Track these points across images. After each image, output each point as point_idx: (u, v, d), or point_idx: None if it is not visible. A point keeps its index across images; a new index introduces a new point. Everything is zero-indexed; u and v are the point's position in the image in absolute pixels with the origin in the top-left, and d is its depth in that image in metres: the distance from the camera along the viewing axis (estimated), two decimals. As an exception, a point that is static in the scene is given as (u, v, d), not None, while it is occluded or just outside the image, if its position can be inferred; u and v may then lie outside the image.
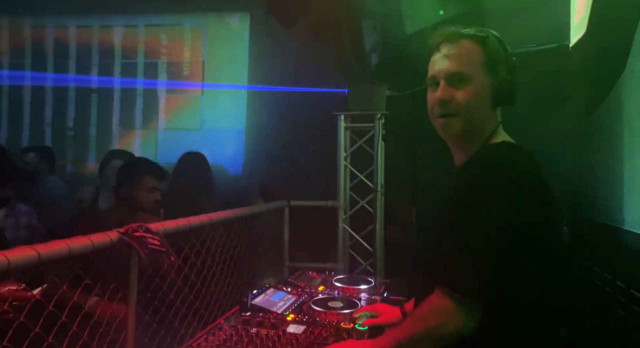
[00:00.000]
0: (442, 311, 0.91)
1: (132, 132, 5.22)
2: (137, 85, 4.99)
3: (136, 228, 1.41)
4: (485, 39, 1.06)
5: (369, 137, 3.26)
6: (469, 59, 1.05)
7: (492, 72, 1.05)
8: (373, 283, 1.91)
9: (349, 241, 3.37)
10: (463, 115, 1.06)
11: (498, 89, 1.04)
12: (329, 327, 1.37)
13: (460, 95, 1.04)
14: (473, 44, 1.07)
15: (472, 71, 1.05)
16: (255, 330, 1.31)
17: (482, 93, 1.05)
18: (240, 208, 2.50)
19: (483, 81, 1.05)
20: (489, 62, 1.05)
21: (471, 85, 1.05)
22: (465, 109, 1.05)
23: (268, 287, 1.76)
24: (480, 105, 1.05)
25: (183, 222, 1.79)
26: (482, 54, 1.05)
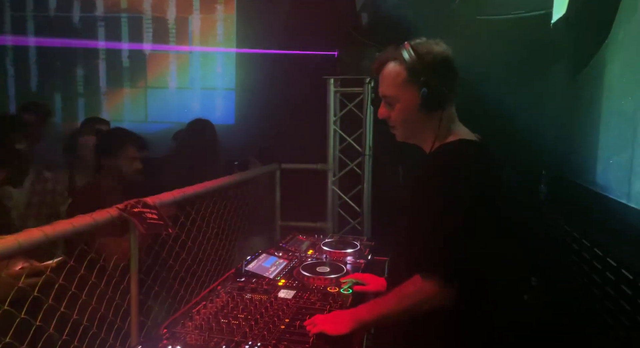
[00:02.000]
0: (421, 292, 1.06)
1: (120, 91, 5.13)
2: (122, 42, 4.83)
3: (134, 204, 1.50)
4: (404, 57, 1.14)
5: (358, 100, 3.28)
6: (393, 81, 1.18)
7: (416, 84, 1.13)
8: (359, 247, 2.05)
9: (337, 201, 3.51)
10: (399, 128, 1.22)
11: (425, 98, 1.13)
12: (317, 291, 1.51)
13: (394, 114, 1.20)
14: (395, 64, 1.17)
15: (396, 92, 1.17)
16: (249, 296, 1.45)
17: (410, 107, 1.17)
18: (234, 175, 2.59)
19: (408, 96, 1.16)
20: (410, 77, 1.14)
21: (399, 103, 1.18)
22: (399, 124, 1.21)
23: (261, 253, 1.89)
24: (411, 116, 1.18)
25: (179, 193, 1.88)
26: (403, 71, 1.15)
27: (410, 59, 1.14)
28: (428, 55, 1.14)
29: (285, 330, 1.23)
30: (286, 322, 1.27)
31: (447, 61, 1.16)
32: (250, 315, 1.31)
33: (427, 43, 1.17)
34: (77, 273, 1.35)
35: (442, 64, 1.15)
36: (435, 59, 1.14)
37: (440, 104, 1.15)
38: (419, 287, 1.07)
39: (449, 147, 1.15)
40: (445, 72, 1.15)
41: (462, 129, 1.21)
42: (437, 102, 1.14)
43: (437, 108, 1.15)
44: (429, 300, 1.06)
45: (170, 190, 1.82)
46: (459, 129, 1.21)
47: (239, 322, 1.26)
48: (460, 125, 1.22)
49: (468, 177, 1.07)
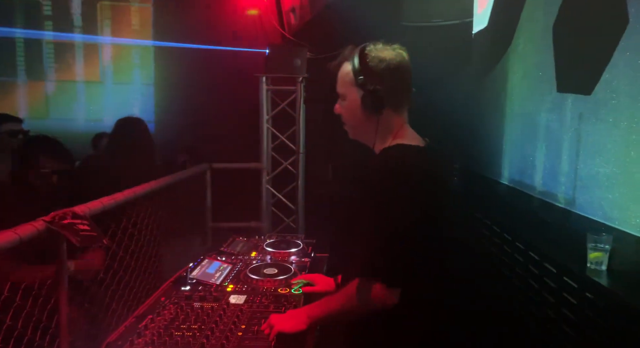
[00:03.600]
0: (367, 293, 1.10)
1: (14, 83, 4.52)
2: (15, 29, 4.25)
3: (63, 215, 1.35)
4: (353, 60, 1.21)
5: (291, 99, 3.30)
6: (343, 79, 1.23)
7: (361, 86, 1.19)
8: (301, 246, 2.08)
9: (271, 200, 3.50)
10: (348, 124, 1.28)
11: (365, 101, 1.20)
12: (268, 294, 1.51)
13: (343, 111, 1.26)
14: (347, 64, 1.23)
15: (344, 90, 1.23)
16: (199, 305, 1.40)
17: (353, 106, 1.22)
18: (164, 178, 2.44)
19: (353, 96, 1.21)
20: (356, 79, 1.20)
21: (347, 101, 1.24)
22: (347, 121, 1.27)
23: (203, 258, 1.82)
24: (355, 115, 1.23)
25: (108, 200, 1.73)
26: (351, 72, 1.22)
27: (356, 61, 1.19)
28: (374, 60, 1.18)
29: (244, 336, 1.21)
30: (243, 329, 1.26)
31: (393, 67, 1.19)
32: (205, 325, 1.26)
33: (381, 48, 1.21)
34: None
35: (387, 69, 1.18)
36: (380, 64, 1.18)
37: (378, 107, 1.19)
38: (361, 290, 1.11)
39: (388, 152, 1.19)
40: (390, 77, 1.19)
41: (407, 133, 1.24)
42: (375, 105, 1.18)
43: (374, 111, 1.19)
44: (370, 303, 1.10)
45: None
46: (403, 133, 1.23)
47: (194, 333, 1.21)
48: (408, 129, 1.25)
49: (404, 182, 1.10)
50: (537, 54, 2.49)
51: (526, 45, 2.69)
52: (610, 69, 1.71)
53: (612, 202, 1.69)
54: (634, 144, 1.57)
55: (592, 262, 1.48)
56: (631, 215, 1.56)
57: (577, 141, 2.00)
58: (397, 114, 1.24)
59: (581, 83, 1.94)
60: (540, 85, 2.45)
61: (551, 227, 2.02)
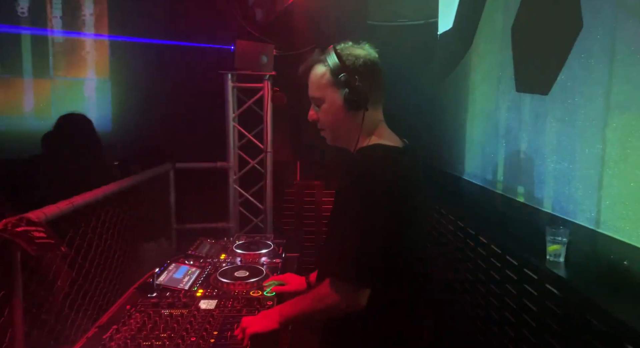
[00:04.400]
0: (334, 295, 1.09)
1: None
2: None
3: (16, 222, 1.26)
4: (327, 60, 1.19)
5: (258, 97, 3.24)
6: (318, 83, 1.21)
7: (340, 85, 1.17)
8: (272, 246, 2.05)
9: (238, 199, 3.44)
10: (328, 129, 1.25)
11: (348, 98, 1.18)
12: (240, 297, 1.48)
13: (321, 115, 1.23)
14: (320, 66, 1.22)
15: (321, 93, 1.21)
16: (167, 312, 1.35)
17: (334, 107, 1.20)
18: (124, 180, 2.33)
19: (333, 97, 1.19)
20: (334, 78, 1.19)
21: (325, 104, 1.21)
22: (327, 125, 1.24)
23: (169, 263, 1.76)
24: (336, 117, 1.21)
25: (66, 204, 1.62)
26: (327, 73, 1.20)
27: (333, 60, 1.17)
28: (350, 57, 1.18)
29: (217, 343, 1.18)
30: (215, 335, 1.22)
31: (369, 64, 1.20)
32: (174, 333, 1.22)
33: (351, 46, 1.21)
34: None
35: (364, 65, 1.18)
36: (357, 61, 1.18)
37: (362, 104, 1.18)
38: (329, 290, 1.11)
39: (364, 152, 1.19)
40: (368, 74, 1.19)
41: (386, 133, 1.25)
42: (359, 102, 1.17)
43: (359, 108, 1.17)
44: (337, 303, 1.10)
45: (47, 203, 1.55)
46: (382, 132, 1.23)
47: (164, 343, 1.16)
48: (386, 128, 1.26)
49: (378, 184, 1.09)
50: (496, 54, 2.58)
51: (486, 46, 2.79)
52: (565, 70, 1.80)
53: (568, 196, 1.78)
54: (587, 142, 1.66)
55: (551, 254, 1.56)
56: (585, 209, 1.65)
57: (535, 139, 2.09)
58: (375, 113, 1.23)
59: (538, 83, 2.03)
60: (499, 85, 2.55)
61: (512, 221, 2.10)
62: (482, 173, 2.82)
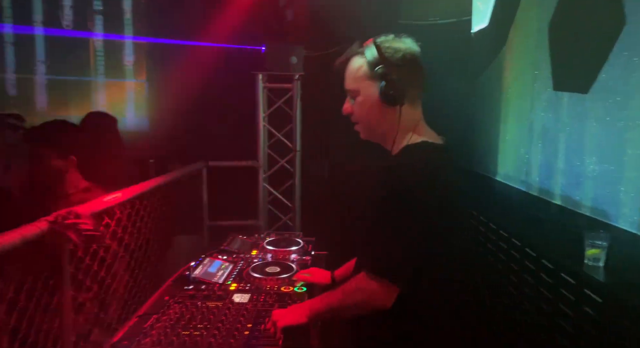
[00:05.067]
0: (368, 290, 1.09)
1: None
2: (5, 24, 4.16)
3: (66, 215, 1.34)
4: (365, 52, 1.17)
5: (287, 97, 3.29)
6: (354, 75, 1.19)
7: (377, 78, 1.14)
8: (302, 244, 2.09)
9: (267, 198, 3.50)
10: (362, 123, 1.22)
11: (385, 92, 1.13)
12: (272, 292, 1.52)
13: (356, 108, 1.21)
14: (358, 59, 1.20)
15: (357, 85, 1.19)
16: (204, 304, 1.40)
17: (370, 101, 1.17)
18: (161, 176, 2.43)
19: (369, 90, 1.17)
20: (371, 71, 1.16)
21: (360, 96, 1.19)
22: (361, 119, 1.21)
23: (204, 257, 1.82)
24: (371, 111, 1.18)
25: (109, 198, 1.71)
26: (365, 65, 1.16)
27: (371, 52, 1.15)
28: (389, 50, 1.16)
29: (251, 335, 1.22)
30: (249, 327, 1.26)
31: (409, 58, 1.16)
32: (211, 324, 1.27)
33: (392, 40, 1.19)
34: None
35: (403, 59, 1.16)
36: (397, 54, 1.16)
37: (399, 98, 1.14)
38: (363, 286, 1.10)
39: (413, 151, 1.14)
40: (407, 68, 1.15)
41: (427, 129, 1.21)
42: (396, 97, 1.13)
43: (396, 103, 1.14)
44: (367, 300, 1.10)
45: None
46: (421, 129, 1.20)
47: (201, 333, 1.21)
48: (425, 126, 1.23)
49: (430, 183, 1.08)
50: (532, 52, 2.52)
51: (521, 43, 2.72)
52: (607, 68, 1.74)
53: (608, 199, 1.72)
54: (629, 142, 1.60)
55: (590, 259, 1.51)
56: (628, 212, 1.59)
57: (573, 139, 2.03)
58: (414, 109, 1.20)
59: (577, 82, 1.97)
60: (535, 84, 2.48)
61: (547, 224, 2.05)
62: (516, 174, 2.75)
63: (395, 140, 1.18)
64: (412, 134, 1.18)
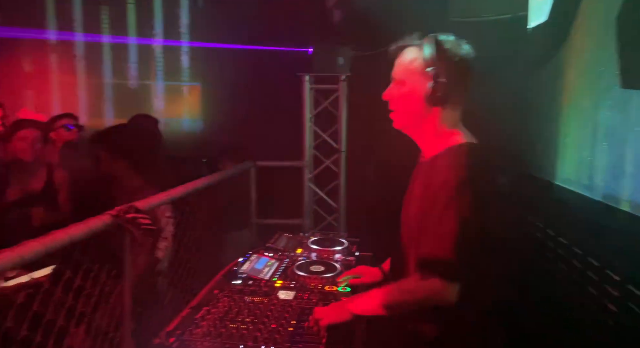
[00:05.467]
0: (428, 288, 1.09)
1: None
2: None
3: (127, 209, 1.44)
4: (424, 47, 1.17)
5: (333, 97, 3.32)
6: (406, 66, 1.20)
7: (427, 77, 1.15)
8: (346, 244, 2.09)
9: (313, 197, 3.54)
10: (399, 112, 1.23)
11: (431, 92, 1.14)
12: (316, 291, 1.54)
13: (398, 97, 1.22)
14: (414, 49, 1.20)
15: (406, 76, 1.20)
16: (250, 299, 1.45)
17: (414, 95, 1.18)
18: (212, 175, 2.54)
19: (416, 85, 1.17)
20: (424, 66, 1.16)
21: (405, 88, 1.20)
22: (400, 109, 1.22)
23: (251, 254, 1.88)
24: (413, 105, 1.19)
25: (164, 196, 1.82)
26: (420, 60, 1.17)
27: (430, 49, 1.15)
28: (448, 52, 1.16)
29: (295, 332, 1.24)
30: (293, 324, 1.29)
31: (463, 64, 1.17)
32: (257, 318, 1.31)
33: (453, 42, 1.19)
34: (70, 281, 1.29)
35: (458, 64, 1.16)
36: (453, 58, 1.16)
37: (444, 101, 1.15)
38: (422, 284, 1.10)
39: (459, 152, 1.16)
40: (458, 73, 1.16)
41: (465, 132, 1.22)
42: (441, 98, 1.15)
43: (440, 104, 1.16)
44: (429, 297, 1.10)
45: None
46: (461, 130, 1.22)
47: (247, 327, 1.26)
48: (463, 127, 1.23)
49: (480, 182, 1.10)
50: (597, 48, 2.35)
51: (585, 39, 2.55)
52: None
53: (683, 206, 1.57)
54: None
55: (661, 271, 1.39)
56: None
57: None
58: (455, 111, 1.21)
59: (648, 79, 1.82)
60: (600, 82, 2.31)
61: (613, 232, 1.91)
62: (578, 178, 2.58)
63: (433, 140, 1.20)
64: (452, 135, 1.20)
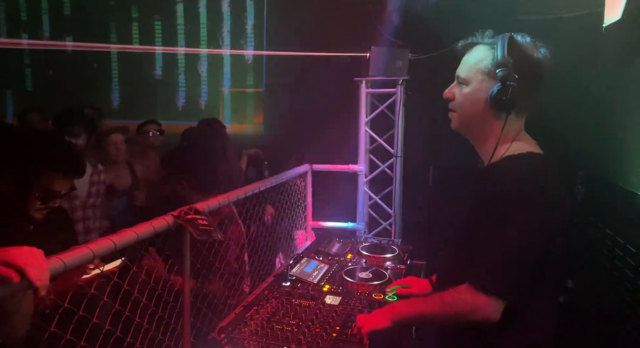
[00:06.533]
0: (473, 303, 1.05)
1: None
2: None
3: (187, 211, 1.55)
4: (495, 46, 1.09)
5: (390, 102, 3.28)
6: (472, 65, 1.13)
7: (495, 78, 1.08)
8: (397, 252, 2.07)
9: (368, 202, 3.53)
10: (459, 113, 1.17)
11: (497, 96, 1.07)
12: (362, 298, 1.54)
13: (460, 97, 1.15)
14: (484, 48, 1.12)
15: (471, 76, 1.13)
16: (297, 302, 1.49)
17: (476, 96, 1.12)
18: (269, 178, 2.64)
19: (481, 85, 1.11)
20: (492, 67, 1.09)
21: (468, 87, 1.13)
22: (461, 109, 1.16)
23: (302, 257, 1.93)
24: (474, 107, 1.13)
25: (223, 198, 1.93)
26: (489, 60, 1.10)
27: (501, 49, 1.08)
28: (520, 53, 1.09)
29: (338, 338, 1.26)
30: (337, 330, 1.31)
31: (536, 69, 1.09)
32: (302, 321, 1.35)
33: (528, 43, 1.12)
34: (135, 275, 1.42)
35: (530, 68, 1.09)
36: (527, 61, 1.08)
37: (510, 106, 1.08)
38: (467, 298, 1.06)
39: (520, 162, 1.08)
40: (529, 78, 1.08)
41: (529, 140, 1.15)
42: (507, 104, 1.07)
43: (504, 109, 1.08)
44: (473, 312, 1.05)
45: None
46: (524, 138, 1.15)
47: (292, 329, 1.30)
48: (526, 135, 1.16)
49: (539, 196, 1.03)
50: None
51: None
52: None
53: None
54: None
55: None
56: None
57: None
58: (519, 118, 1.15)
59: None
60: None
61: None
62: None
63: (496, 147, 1.12)
64: (513, 143, 1.12)
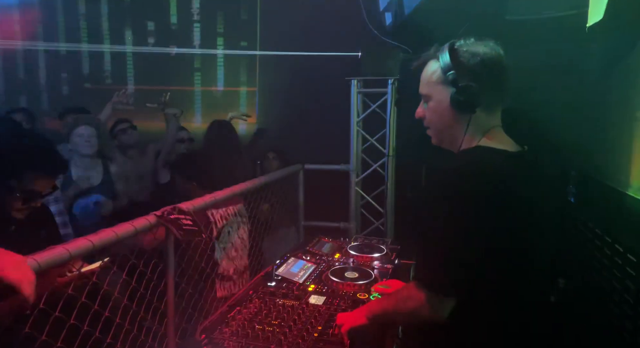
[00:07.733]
0: (416, 300, 1.04)
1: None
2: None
3: (171, 210, 1.55)
4: (440, 56, 1.12)
5: (381, 101, 3.28)
6: (428, 79, 1.16)
7: (450, 84, 1.10)
8: (385, 251, 2.06)
9: (360, 202, 3.52)
10: (432, 128, 1.20)
11: (455, 98, 1.09)
12: (347, 298, 1.54)
13: (427, 113, 1.19)
14: (433, 63, 1.15)
15: (430, 90, 1.16)
16: (281, 302, 1.49)
17: (441, 106, 1.14)
18: (259, 178, 2.63)
19: (440, 95, 1.13)
20: (444, 77, 1.11)
21: (432, 102, 1.17)
22: (432, 124, 1.19)
23: (289, 256, 1.92)
24: (442, 116, 1.15)
25: (209, 198, 1.92)
26: (439, 70, 1.12)
27: (445, 58, 1.11)
28: (465, 55, 1.09)
29: (319, 338, 1.26)
30: (319, 330, 1.30)
31: (488, 63, 1.10)
32: (284, 322, 1.34)
33: (472, 43, 1.12)
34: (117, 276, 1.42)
35: (481, 64, 1.09)
36: (473, 59, 1.09)
37: (471, 106, 1.09)
38: (413, 295, 1.06)
39: (465, 155, 1.10)
40: (484, 74, 1.09)
41: (497, 137, 1.14)
42: (467, 104, 1.09)
43: (466, 110, 1.10)
44: (419, 309, 1.04)
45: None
46: (496, 135, 1.13)
47: (274, 329, 1.29)
48: (499, 133, 1.15)
49: (479, 189, 1.00)
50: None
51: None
52: None
53: None
54: None
55: None
56: None
57: None
58: (489, 116, 1.14)
59: None
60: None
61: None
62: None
63: (461, 146, 1.13)
64: (476, 141, 1.12)
